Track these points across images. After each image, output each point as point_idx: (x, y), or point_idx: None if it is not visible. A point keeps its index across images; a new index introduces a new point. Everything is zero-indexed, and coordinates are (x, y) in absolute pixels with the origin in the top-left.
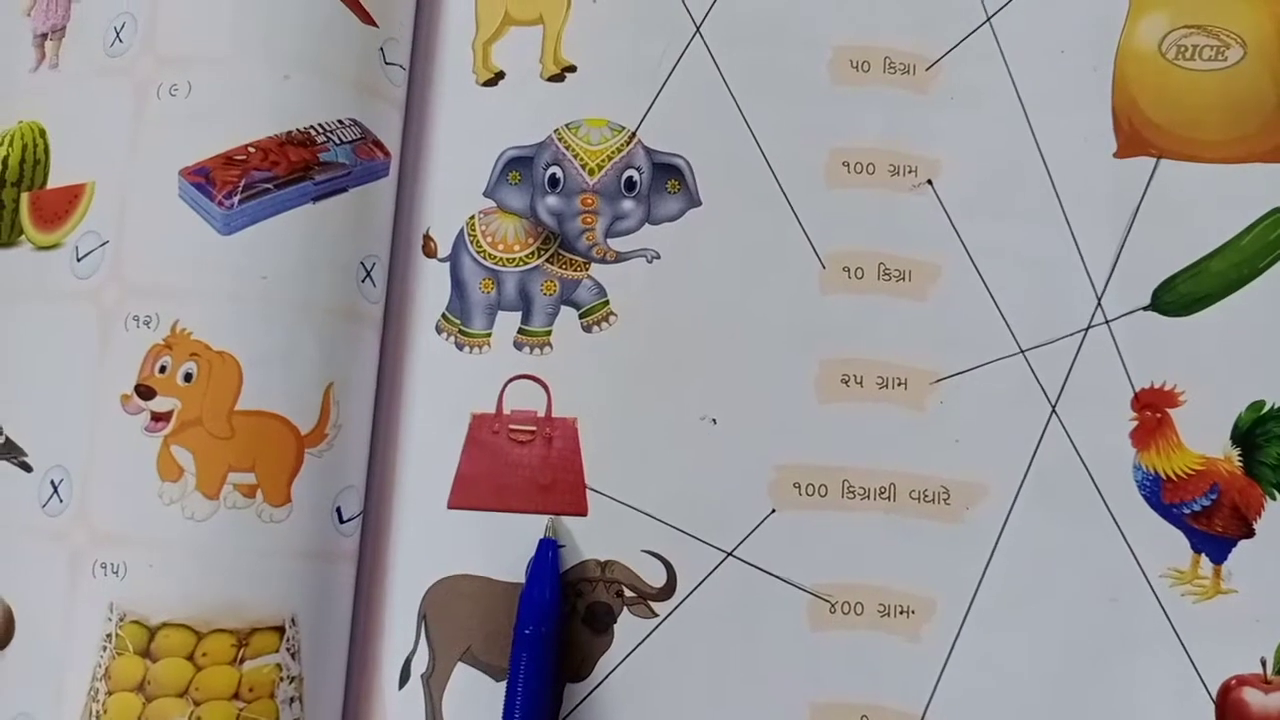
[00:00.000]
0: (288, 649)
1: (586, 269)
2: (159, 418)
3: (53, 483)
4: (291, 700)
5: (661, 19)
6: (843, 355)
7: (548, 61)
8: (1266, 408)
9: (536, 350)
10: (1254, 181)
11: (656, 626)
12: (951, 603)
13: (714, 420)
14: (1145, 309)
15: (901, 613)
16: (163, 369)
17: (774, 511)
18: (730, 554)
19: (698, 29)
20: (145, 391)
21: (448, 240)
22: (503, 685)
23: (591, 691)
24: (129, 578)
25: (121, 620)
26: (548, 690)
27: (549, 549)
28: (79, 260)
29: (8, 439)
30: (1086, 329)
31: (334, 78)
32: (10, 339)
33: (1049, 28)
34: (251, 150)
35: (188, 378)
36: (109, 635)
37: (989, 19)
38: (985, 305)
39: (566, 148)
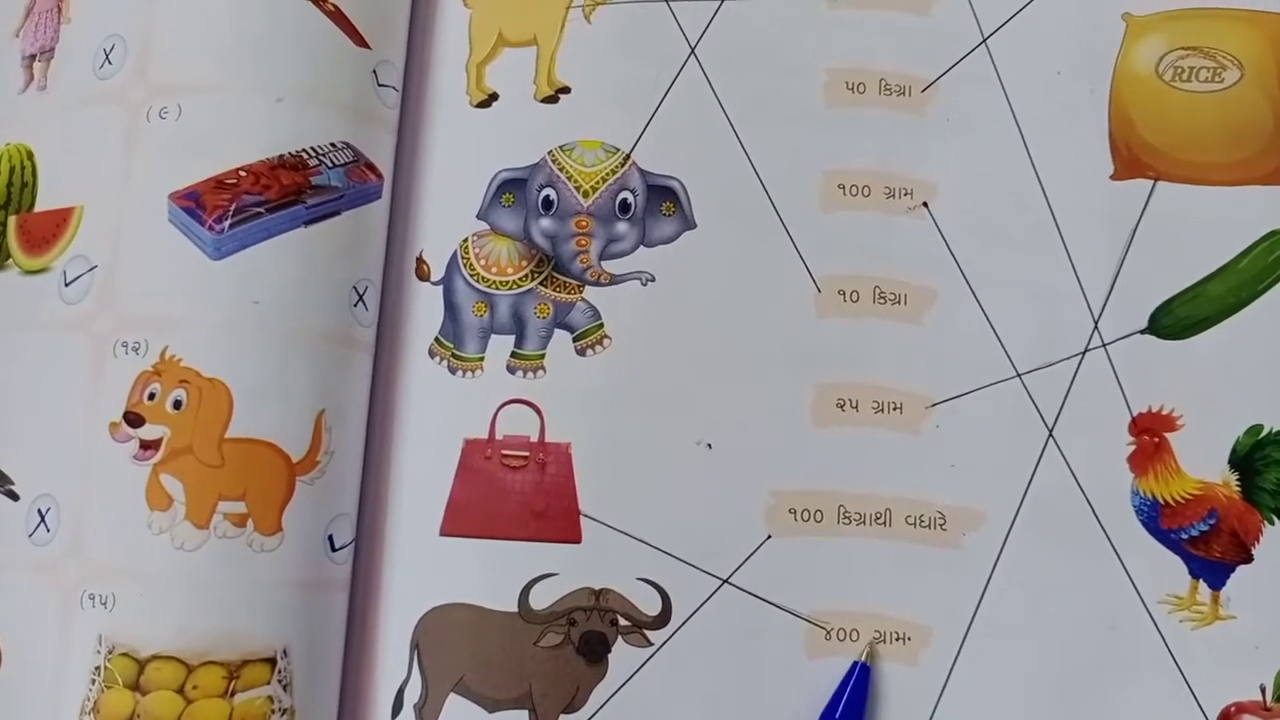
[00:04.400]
0: (280, 681)
1: (580, 292)
2: (148, 446)
3: (40, 512)
4: None
5: (656, 41)
6: (838, 379)
7: (542, 83)
8: (1265, 432)
9: (530, 374)
10: (1252, 204)
11: (652, 655)
12: (948, 629)
13: (709, 445)
14: (1143, 332)
15: (898, 639)
16: (152, 396)
17: (769, 538)
18: (726, 581)
19: (692, 51)
20: (134, 419)
21: (441, 263)
22: (495, 717)
23: None
24: (118, 609)
25: (111, 653)
26: None
27: (865, 676)
28: (67, 285)
29: None
30: (1083, 353)
31: (326, 100)
32: None
33: (1045, 49)
34: (242, 174)
35: (177, 405)
36: (98, 668)
37: (984, 40)
38: (981, 329)
39: (560, 170)
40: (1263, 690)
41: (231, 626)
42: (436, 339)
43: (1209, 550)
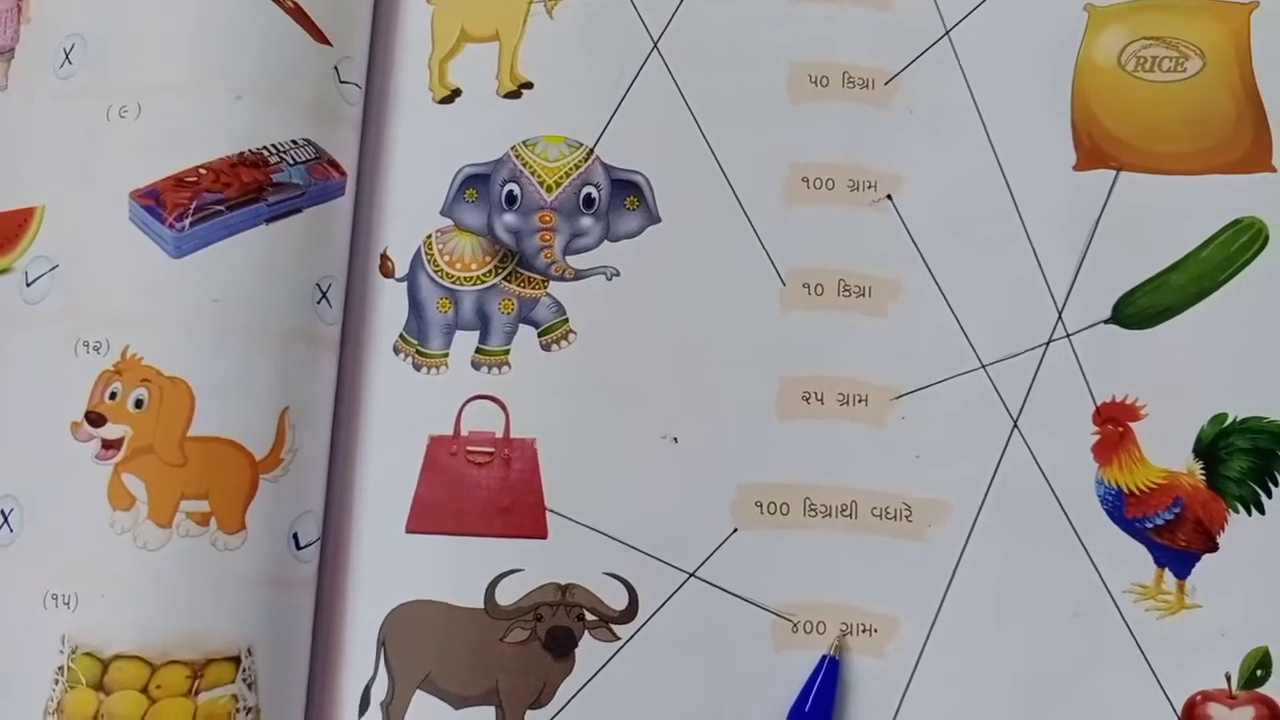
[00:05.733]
0: (244, 680)
1: (545, 287)
2: (110, 445)
3: (2, 512)
4: None
5: (619, 35)
6: (803, 372)
7: (504, 78)
8: (1229, 421)
9: (494, 370)
10: (1214, 193)
11: (618, 650)
12: (915, 621)
13: (675, 439)
14: (1106, 322)
15: (864, 631)
16: (113, 395)
17: (736, 531)
18: (692, 575)
19: (655, 45)
20: (95, 419)
21: (405, 259)
22: (462, 714)
23: (553, 718)
24: (81, 609)
25: (74, 653)
26: None
27: (834, 669)
28: (29, 285)
29: None
30: (1047, 343)
31: (287, 98)
32: None
33: (1008, 41)
34: (203, 172)
35: (139, 404)
36: (61, 668)
37: (947, 33)
38: (946, 320)
39: (524, 165)
40: (1228, 678)
41: (195, 625)
42: (401, 335)
43: (1174, 539)
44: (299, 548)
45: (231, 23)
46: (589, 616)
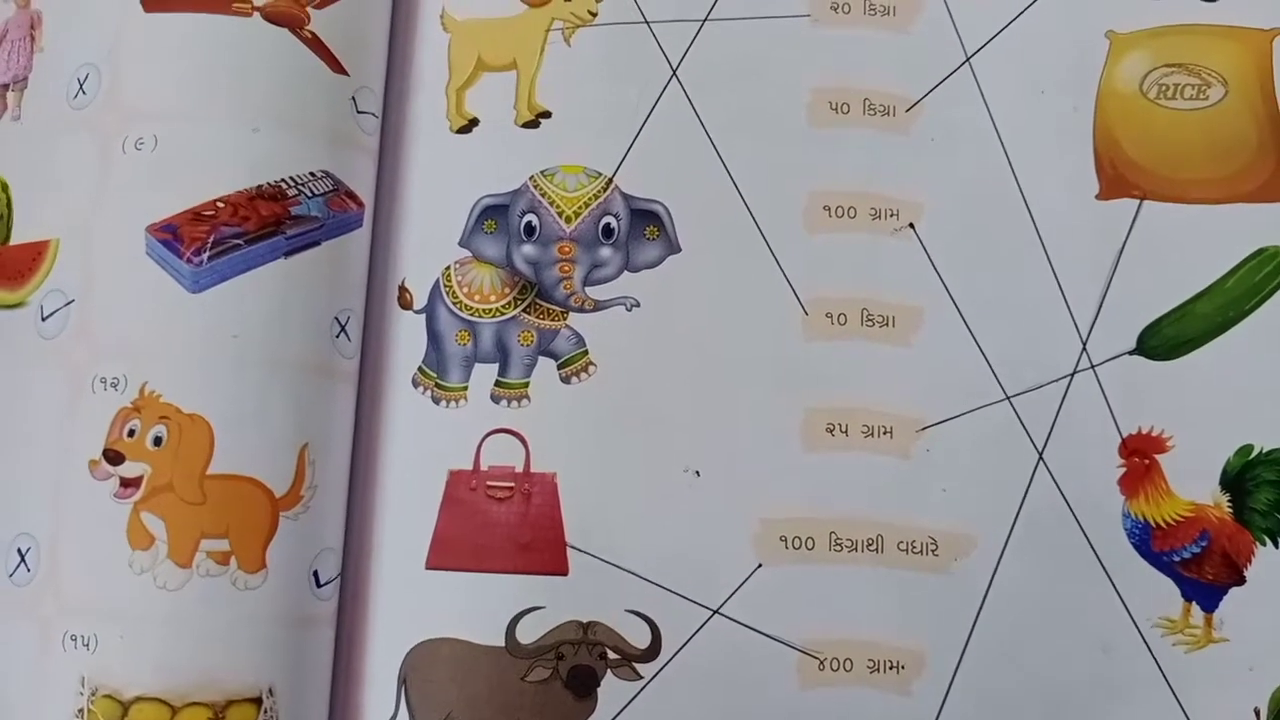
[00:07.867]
0: None
1: (564, 318)
2: (128, 483)
3: (19, 551)
4: None
5: (637, 63)
6: (827, 403)
7: (522, 107)
8: (1255, 452)
9: (514, 403)
10: (1238, 222)
11: (641, 689)
12: (942, 656)
13: (697, 473)
14: (1131, 353)
15: (891, 668)
16: (131, 433)
17: (760, 566)
18: (716, 611)
19: (674, 72)
20: (114, 456)
21: (423, 291)
22: None
23: None
24: (100, 650)
25: (93, 694)
26: None
27: None
28: (44, 320)
29: None
30: (1072, 374)
31: (305, 129)
32: None
33: (1029, 68)
34: (220, 205)
35: (158, 442)
36: (80, 710)
37: (968, 59)
38: (970, 351)
39: (542, 195)
40: (1257, 713)
41: (216, 666)
42: (420, 368)
43: (1201, 572)
44: (319, 585)
45: (248, 53)
46: (611, 655)
